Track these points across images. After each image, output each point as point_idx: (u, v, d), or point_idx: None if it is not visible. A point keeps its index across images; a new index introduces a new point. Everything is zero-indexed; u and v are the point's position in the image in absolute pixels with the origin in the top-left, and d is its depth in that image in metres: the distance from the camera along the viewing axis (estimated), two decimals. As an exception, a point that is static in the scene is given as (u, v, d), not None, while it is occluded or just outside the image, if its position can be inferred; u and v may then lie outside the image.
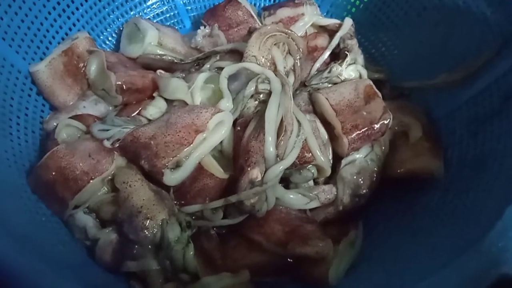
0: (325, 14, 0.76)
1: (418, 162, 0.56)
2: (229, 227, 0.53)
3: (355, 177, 0.56)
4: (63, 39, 0.63)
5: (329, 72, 0.63)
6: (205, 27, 0.69)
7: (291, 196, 0.53)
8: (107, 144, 0.52)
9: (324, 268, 0.49)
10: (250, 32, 0.63)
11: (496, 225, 0.35)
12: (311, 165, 0.54)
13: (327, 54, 0.66)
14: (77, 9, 0.64)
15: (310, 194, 0.54)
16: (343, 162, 0.57)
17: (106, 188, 0.51)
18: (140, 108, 0.59)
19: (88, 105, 0.60)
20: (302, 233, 0.52)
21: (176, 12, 0.78)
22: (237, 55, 0.62)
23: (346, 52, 0.65)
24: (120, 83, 0.57)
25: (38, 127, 0.58)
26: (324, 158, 0.53)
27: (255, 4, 0.79)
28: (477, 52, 0.54)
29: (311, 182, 0.56)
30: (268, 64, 0.58)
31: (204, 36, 0.68)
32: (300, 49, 0.60)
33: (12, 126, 0.54)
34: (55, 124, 0.57)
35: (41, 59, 0.59)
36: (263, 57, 0.58)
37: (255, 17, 0.71)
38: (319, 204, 0.55)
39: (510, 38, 0.49)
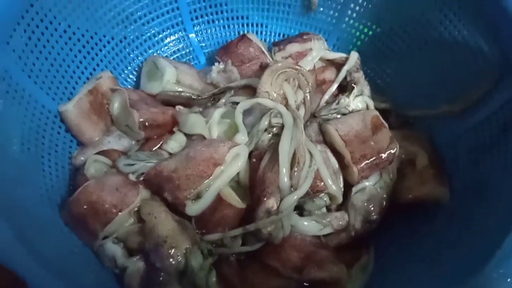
0: (331, 47, 0.80)
1: (425, 189, 0.59)
2: (248, 254, 0.56)
3: (365, 204, 0.59)
4: (88, 79, 0.67)
5: (337, 103, 0.67)
6: (219, 63, 0.73)
7: (305, 223, 0.56)
8: (132, 178, 0.56)
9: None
10: (262, 67, 0.67)
11: (497, 253, 0.38)
12: (323, 194, 0.57)
13: (335, 86, 0.69)
14: (100, 50, 0.69)
15: (323, 221, 0.57)
16: (354, 189, 0.60)
17: (132, 219, 0.55)
18: (161, 142, 0.62)
19: (112, 140, 0.64)
20: (317, 258, 0.54)
21: (191, 49, 0.83)
22: (250, 90, 0.66)
23: (353, 84, 0.68)
24: (142, 120, 0.61)
25: (67, 162, 0.62)
26: (335, 186, 0.56)
27: (265, 40, 0.84)
28: (475, 84, 0.57)
29: (323, 209, 0.59)
30: (280, 99, 0.62)
31: (218, 72, 0.72)
32: (309, 84, 0.64)
33: (44, 163, 0.57)
34: (82, 159, 0.61)
35: (69, 98, 0.63)
36: (275, 92, 0.61)
37: (266, 52, 0.75)
38: (332, 230, 0.57)
39: (506, 71, 0.53)
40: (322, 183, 0.56)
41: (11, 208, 0.43)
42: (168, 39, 0.80)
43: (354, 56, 0.71)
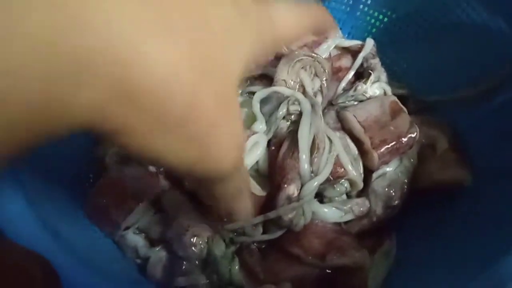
0: (346, 35, 0.79)
1: (446, 173, 0.58)
2: (269, 242, 0.55)
3: (386, 189, 0.58)
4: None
5: (355, 90, 0.66)
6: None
7: (326, 210, 0.56)
8: (152, 169, 0.56)
9: (362, 278, 0.52)
10: (277, 57, 0.67)
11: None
12: (343, 180, 0.56)
13: (351, 74, 0.69)
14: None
15: (344, 208, 0.57)
16: (374, 175, 0.60)
17: (154, 210, 0.55)
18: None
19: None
20: (338, 245, 0.54)
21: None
22: (266, 79, 0.65)
23: (369, 71, 0.67)
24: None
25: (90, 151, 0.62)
26: (356, 172, 0.56)
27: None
28: (497, 66, 0.56)
29: (344, 196, 0.59)
30: (297, 86, 0.61)
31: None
32: (326, 71, 0.63)
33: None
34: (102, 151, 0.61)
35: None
36: (292, 80, 0.61)
37: (281, 42, 0.74)
38: (354, 217, 0.57)
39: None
40: (343, 169, 0.55)
41: (37, 196, 0.44)
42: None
43: (370, 43, 0.70)
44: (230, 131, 0.29)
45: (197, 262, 0.51)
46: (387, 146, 0.57)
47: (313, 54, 0.63)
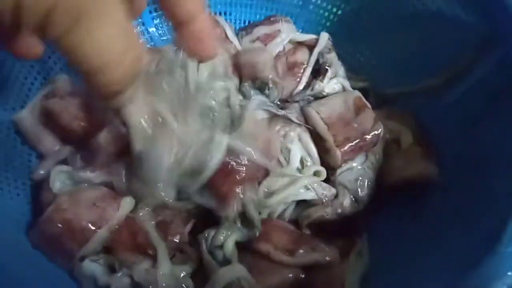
0: (300, 30, 0.76)
1: (413, 168, 0.56)
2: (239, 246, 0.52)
3: (353, 182, 0.57)
4: (41, 84, 0.61)
5: (312, 89, 0.64)
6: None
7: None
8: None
9: (338, 282, 0.49)
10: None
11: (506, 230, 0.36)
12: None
13: (308, 71, 0.66)
14: (53, 52, 0.63)
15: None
16: (339, 171, 0.58)
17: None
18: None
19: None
20: (307, 242, 0.52)
21: (152, 43, 0.77)
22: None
23: (326, 66, 0.65)
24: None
25: (27, 177, 0.56)
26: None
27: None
28: (457, 54, 0.55)
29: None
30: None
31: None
32: None
33: (2, 181, 0.52)
34: (42, 172, 0.55)
35: (22, 107, 0.57)
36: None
37: (231, 36, 0.71)
38: (315, 197, 0.55)
39: (489, 38, 0.51)
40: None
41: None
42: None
43: (325, 37, 0.68)
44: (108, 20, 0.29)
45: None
46: (350, 144, 0.55)
47: None
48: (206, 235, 0.51)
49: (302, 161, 0.57)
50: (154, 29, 0.77)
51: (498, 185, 0.44)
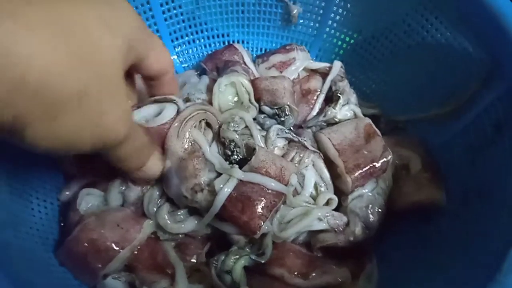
0: (314, 58, 0.80)
1: (421, 193, 0.58)
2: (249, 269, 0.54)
3: (364, 209, 0.58)
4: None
5: (325, 116, 0.66)
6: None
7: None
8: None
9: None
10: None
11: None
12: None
13: (321, 98, 0.69)
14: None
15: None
16: (350, 197, 0.59)
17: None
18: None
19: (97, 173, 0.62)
20: (319, 264, 0.54)
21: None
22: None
23: (338, 94, 0.68)
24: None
25: (55, 198, 0.60)
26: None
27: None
28: (464, 85, 0.57)
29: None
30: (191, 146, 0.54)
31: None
32: (217, 119, 0.59)
33: (33, 201, 0.56)
34: (68, 193, 0.59)
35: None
36: (183, 143, 0.54)
37: (250, 62, 0.74)
38: (327, 227, 0.56)
39: (493, 69, 0.53)
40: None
41: (5, 253, 0.42)
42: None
43: (338, 65, 0.71)
44: (117, 106, 0.38)
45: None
46: (360, 171, 0.57)
47: (203, 107, 0.57)
48: (216, 260, 0.53)
49: (316, 187, 0.59)
50: (175, 56, 0.82)
51: (503, 214, 0.45)
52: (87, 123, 0.35)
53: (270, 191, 0.51)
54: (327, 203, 0.58)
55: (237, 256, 0.53)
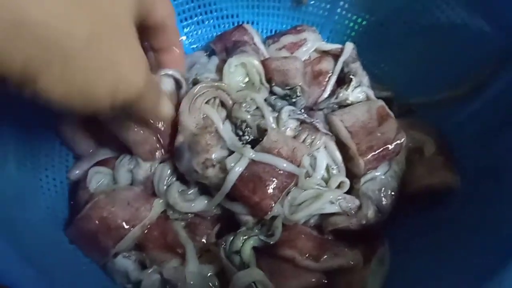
0: (326, 40, 0.78)
1: (435, 176, 0.57)
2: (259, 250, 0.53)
3: (377, 192, 0.58)
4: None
5: (336, 98, 0.65)
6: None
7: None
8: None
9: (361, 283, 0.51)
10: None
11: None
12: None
13: (333, 79, 0.68)
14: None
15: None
16: (362, 180, 0.59)
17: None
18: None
19: (108, 152, 0.61)
20: (330, 247, 0.54)
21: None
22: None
23: (350, 76, 0.66)
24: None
25: (65, 176, 0.59)
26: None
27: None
28: (479, 66, 0.56)
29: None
30: (202, 122, 0.54)
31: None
32: (231, 97, 0.58)
33: (42, 179, 0.55)
34: (78, 172, 0.58)
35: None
36: (195, 117, 0.54)
37: (259, 44, 0.73)
38: (339, 210, 0.56)
39: (510, 49, 0.52)
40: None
41: (14, 229, 0.41)
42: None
43: (350, 47, 0.69)
44: (130, 53, 0.37)
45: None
46: (373, 153, 0.57)
47: (214, 84, 0.57)
48: (224, 240, 0.53)
49: (327, 169, 0.58)
50: (184, 37, 0.80)
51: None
52: (101, 70, 0.34)
53: (282, 171, 0.51)
54: (339, 186, 0.57)
55: (246, 237, 0.52)
